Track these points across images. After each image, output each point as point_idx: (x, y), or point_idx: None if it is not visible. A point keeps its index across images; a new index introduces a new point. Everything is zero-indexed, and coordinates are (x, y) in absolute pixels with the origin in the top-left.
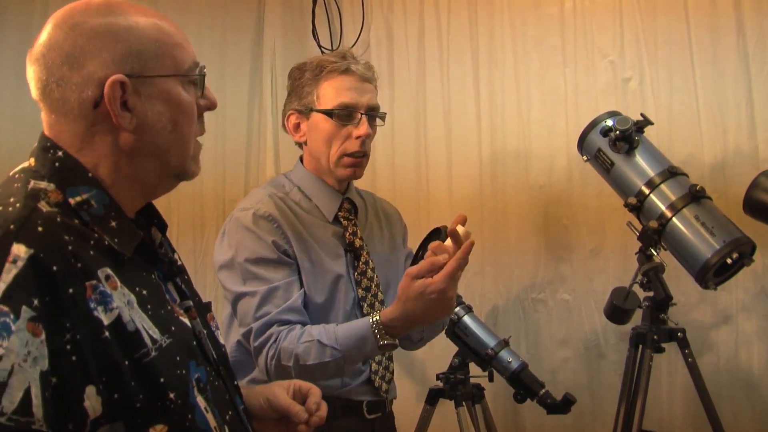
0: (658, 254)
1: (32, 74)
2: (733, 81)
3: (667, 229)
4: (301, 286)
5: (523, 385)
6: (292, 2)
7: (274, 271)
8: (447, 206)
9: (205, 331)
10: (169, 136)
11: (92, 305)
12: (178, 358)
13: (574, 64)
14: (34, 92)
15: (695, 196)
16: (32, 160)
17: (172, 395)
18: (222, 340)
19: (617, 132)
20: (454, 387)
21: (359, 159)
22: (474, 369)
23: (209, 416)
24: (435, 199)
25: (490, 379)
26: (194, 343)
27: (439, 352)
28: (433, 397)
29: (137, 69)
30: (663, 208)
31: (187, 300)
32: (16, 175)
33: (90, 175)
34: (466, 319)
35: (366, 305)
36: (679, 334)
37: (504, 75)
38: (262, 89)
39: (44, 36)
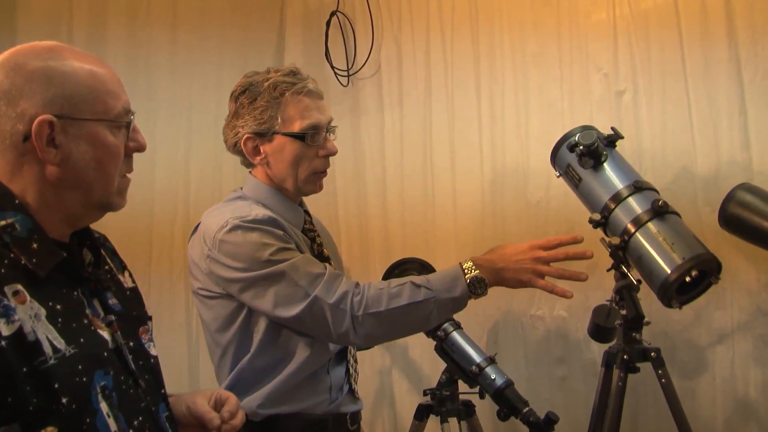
0: (628, 271)
1: None
2: (725, 89)
3: (630, 244)
4: None
5: (507, 402)
6: (311, 26)
7: (296, 252)
8: (452, 219)
9: (132, 343)
10: (93, 173)
11: None
12: (80, 367)
13: (570, 77)
14: None
15: (658, 211)
16: None
17: (64, 400)
18: (154, 352)
19: (581, 147)
20: (441, 403)
21: (324, 173)
22: (466, 386)
23: (110, 421)
24: (440, 212)
25: (481, 396)
26: (105, 354)
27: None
28: (421, 412)
29: (67, 111)
30: (626, 222)
31: (110, 315)
32: None
33: (17, 201)
34: (455, 335)
35: None
36: (652, 354)
37: (504, 90)
38: None
39: None
